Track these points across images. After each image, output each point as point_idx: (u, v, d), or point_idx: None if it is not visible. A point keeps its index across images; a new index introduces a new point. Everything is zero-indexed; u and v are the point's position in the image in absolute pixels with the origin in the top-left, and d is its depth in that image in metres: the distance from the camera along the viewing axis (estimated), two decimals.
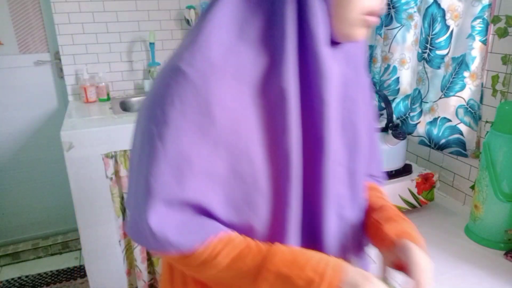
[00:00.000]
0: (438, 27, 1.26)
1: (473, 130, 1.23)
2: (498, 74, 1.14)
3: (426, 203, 1.28)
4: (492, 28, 1.14)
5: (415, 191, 1.24)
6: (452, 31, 1.24)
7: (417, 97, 1.39)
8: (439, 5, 1.25)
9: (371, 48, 1.60)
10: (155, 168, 0.53)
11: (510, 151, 0.99)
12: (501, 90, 1.14)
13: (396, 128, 1.19)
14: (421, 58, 1.35)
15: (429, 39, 1.30)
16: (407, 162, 1.32)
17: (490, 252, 1.06)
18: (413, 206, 1.26)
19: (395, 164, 1.24)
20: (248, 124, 0.54)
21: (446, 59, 1.28)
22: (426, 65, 1.33)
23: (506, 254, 1.04)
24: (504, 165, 1.00)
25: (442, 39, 1.27)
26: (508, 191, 1.01)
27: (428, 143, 1.38)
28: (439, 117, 1.31)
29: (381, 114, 1.29)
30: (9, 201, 2.39)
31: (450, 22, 1.24)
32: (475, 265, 1.01)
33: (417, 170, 1.29)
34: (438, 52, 1.29)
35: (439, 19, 1.25)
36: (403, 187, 1.22)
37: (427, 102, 1.36)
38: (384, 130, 1.22)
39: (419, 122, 1.40)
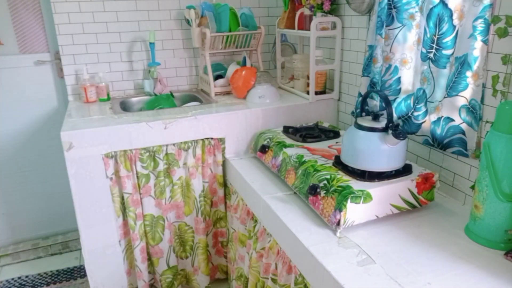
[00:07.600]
0: (445, 27, 1.26)
1: (473, 130, 1.23)
2: (498, 74, 1.14)
3: (426, 203, 1.28)
4: (492, 28, 1.14)
5: (415, 191, 1.24)
6: (457, 31, 1.24)
7: (421, 97, 1.39)
8: (446, 5, 1.25)
9: (371, 48, 1.60)
10: None
11: (510, 151, 0.99)
12: (501, 90, 1.14)
13: (396, 128, 1.19)
14: (425, 58, 1.35)
15: (435, 39, 1.30)
16: (407, 162, 1.32)
17: (490, 252, 1.06)
18: (413, 206, 1.26)
19: (395, 164, 1.24)
20: None
21: (451, 59, 1.28)
22: (431, 65, 1.33)
23: (506, 254, 1.04)
24: (504, 165, 1.00)
25: (448, 39, 1.27)
26: (508, 191, 1.01)
27: (432, 143, 1.38)
28: (442, 116, 1.32)
29: (381, 114, 1.29)
30: (9, 201, 2.39)
31: (456, 22, 1.24)
32: (475, 265, 1.01)
33: (417, 170, 1.29)
34: (445, 52, 1.29)
35: (446, 19, 1.25)
36: (403, 187, 1.22)
37: (432, 102, 1.36)
38: (384, 130, 1.22)
39: (424, 122, 1.40)
